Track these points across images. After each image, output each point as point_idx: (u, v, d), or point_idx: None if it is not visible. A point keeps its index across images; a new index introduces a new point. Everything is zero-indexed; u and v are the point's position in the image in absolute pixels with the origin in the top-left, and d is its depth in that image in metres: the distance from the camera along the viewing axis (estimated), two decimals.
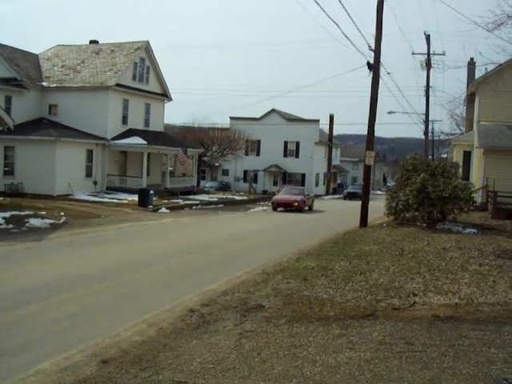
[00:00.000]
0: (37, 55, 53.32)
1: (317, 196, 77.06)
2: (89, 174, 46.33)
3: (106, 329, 10.47)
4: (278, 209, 44.34)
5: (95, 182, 46.59)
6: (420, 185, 25.72)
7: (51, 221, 28.01)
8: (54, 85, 48.93)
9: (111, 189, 47.25)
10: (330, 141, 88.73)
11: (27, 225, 26.54)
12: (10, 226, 26.04)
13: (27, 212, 29.68)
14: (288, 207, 44.17)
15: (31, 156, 42.40)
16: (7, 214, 28.01)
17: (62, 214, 30.57)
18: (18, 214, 28.59)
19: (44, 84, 48.99)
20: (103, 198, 43.05)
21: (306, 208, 45.88)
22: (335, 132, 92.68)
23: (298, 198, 44.71)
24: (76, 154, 44.53)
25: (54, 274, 15.78)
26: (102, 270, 16.60)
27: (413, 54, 52.42)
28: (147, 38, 47.34)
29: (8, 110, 39.89)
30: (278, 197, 46.54)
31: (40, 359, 8.82)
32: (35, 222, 27.21)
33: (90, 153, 46.33)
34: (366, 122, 28.95)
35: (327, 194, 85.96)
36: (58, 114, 48.43)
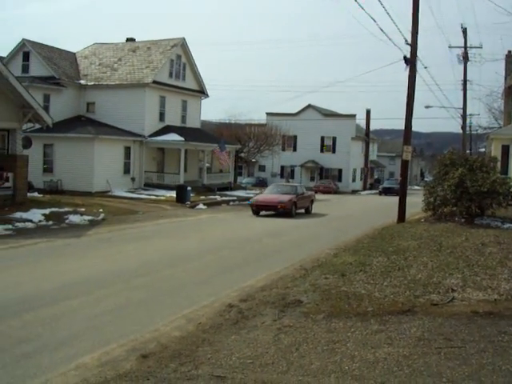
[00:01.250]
0: (74, 54, 53.87)
1: (354, 191, 76.98)
2: (127, 170, 46.69)
3: (145, 324, 10.56)
4: (261, 212, 34.87)
5: (133, 179, 46.92)
6: (458, 179, 25.51)
7: (90, 217, 28.31)
8: (92, 83, 49.38)
9: (149, 185, 47.55)
10: (366, 136, 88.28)
11: (67, 221, 26.85)
12: (50, 222, 26.37)
13: (66, 209, 30.03)
14: (270, 210, 34.47)
15: (70, 153, 42.86)
16: (47, 211, 28.36)
17: (101, 210, 30.86)
18: (58, 211, 28.95)
19: (82, 82, 49.49)
20: (141, 194, 43.36)
21: (302, 210, 36.71)
22: (372, 127, 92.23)
23: (285, 198, 34.48)
24: (114, 151, 44.90)
25: (94, 270, 15.95)
26: (141, 265, 16.74)
27: (449, 47, 52.13)
28: (183, 34, 47.61)
29: (47, 108, 40.34)
30: (260, 197, 36.52)
31: (80, 353, 8.93)
32: (74, 218, 27.51)
33: (127, 150, 46.69)
34: (403, 116, 28.75)
35: (364, 189, 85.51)
36: (95, 112, 48.89)
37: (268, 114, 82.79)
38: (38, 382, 7.77)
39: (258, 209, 34.53)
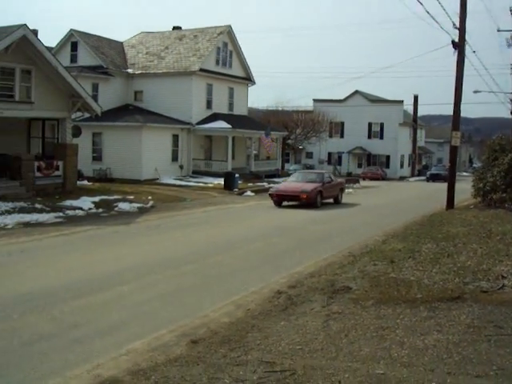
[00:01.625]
0: (121, 43, 54.29)
1: (402, 178, 76.29)
2: (175, 158, 46.97)
3: (195, 310, 10.68)
4: (284, 203, 31.89)
5: (181, 166, 47.20)
6: (508, 166, 25.17)
7: (139, 205, 28.60)
8: (139, 71, 49.73)
9: (197, 173, 47.79)
10: (414, 122, 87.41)
11: (116, 209, 27.16)
12: (100, 210, 26.71)
13: (116, 196, 30.39)
14: (292, 200, 31.48)
15: (118, 142, 43.28)
16: (97, 199, 28.75)
17: (150, 198, 31.13)
18: (107, 199, 29.31)
19: (129, 71, 49.85)
20: (189, 181, 43.62)
21: (331, 200, 33.77)
22: (419, 113, 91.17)
23: (309, 186, 31.16)
24: (162, 139, 45.19)
25: (143, 256, 16.14)
26: (190, 252, 16.89)
27: (498, 31, 51.12)
28: (229, 22, 47.69)
29: (95, 97, 40.76)
30: (281, 186, 33.60)
31: (131, 339, 9.09)
32: (124, 206, 27.82)
33: (175, 137, 46.96)
34: (451, 101, 28.40)
35: (412, 175, 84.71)
36: (143, 100, 49.23)
37: (315, 100, 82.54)
38: (90, 366, 7.92)
39: (278, 199, 31.35)
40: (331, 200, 33.68)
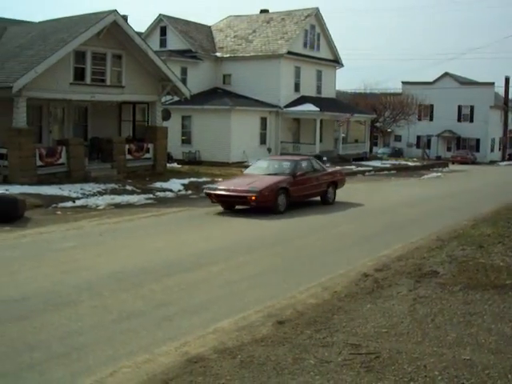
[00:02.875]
0: (209, 27, 54.71)
1: (492, 162, 74.58)
2: (263, 141, 47.14)
3: (281, 291, 10.77)
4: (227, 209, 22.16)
5: (269, 149, 47.33)
6: None
7: None
8: (227, 55, 50.04)
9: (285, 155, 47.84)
10: (505, 104, 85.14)
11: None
12: (189, 192, 27.11)
13: (205, 179, 30.72)
14: (238, 203, 21.78)
15: (207, 125, 43.68)
16: (186, 181, 29.17)
17: None
18: (196, 181, 29.69)
19: (217, 54, 50.22)
20: None
21: (321, 198, 24.18)
22: (511, 95, 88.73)
23: (263, 183, 21.16)
24: (250, 122, 45.42)
25: (233, 237, 16.36)
26: (278, 234, 17.05)
27: None
28: (316, 4, 47.21)
29: (184, 81, 41.24)
30: (224, 183, 22.99)
31: (218, 318, 9.25)
32: None
33: (263, 120, 47.11)
34: None
35: (503, 159, 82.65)
36: (231, 84, 49.55)
37: (404, 82, 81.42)
38: (178, 343, 8.12)
39: (220, 201, 21.78)
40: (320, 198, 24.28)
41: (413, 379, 6.65)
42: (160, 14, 49.86)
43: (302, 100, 49.01)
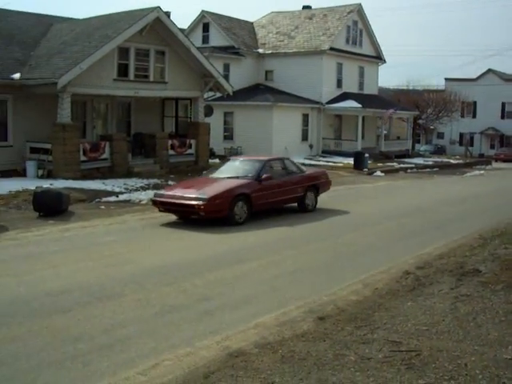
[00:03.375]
0: (251, 23, 54.78)
1: None
2: (304, 137, 47.11)
3: (322, 287, 10.82)
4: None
5: (311, 146, 47.31)
6: None
7: None
8: (270, 51, 50.05)
9: (326, 152, 47.76)
10: None
11: None
12: None
13: None
14: (184, 213, 18.13)
15: (249, 121, 43.77)
16: None
17: None
18: None
19: (260, 51, 50.26)
20: (319, 161, 43.63)
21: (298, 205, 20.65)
22: None
23: (214, 189, 17.87)
24: (292, 119, 45.41)
25: (270, 235, 16.36)
26: (317, 230, 17.03)
27: None
28: (359, 0, 46.83)
29: (226, 77, 41.34)
30: (173, 188, 19.47)
31: (259, 313, 9.34)
32: None
33: (305, 117, 47.07)
34: None
35: None
36: (273, 80, 49.55)
37: (446, 79, 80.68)
38: (219, 337, 8.23)
39: (166, 210, 18.44)
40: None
41: (453, 377, 6.64)
42: (202, 11, 50.08)
43: (344, 96, 48.85)
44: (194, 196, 17.38)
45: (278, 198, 19.55)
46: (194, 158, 32.54)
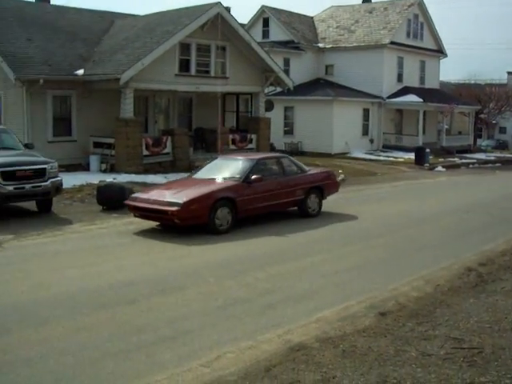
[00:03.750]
0: (311, 18, 54.63)
1: None
2: (365, 132, 46.86)
3: (383, 283, 10.80)
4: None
5: (371, 141, 47.04)
6: None
7: None
8: (330, 45, 49.84)
9: (387, 147, 47.43)
10: None
11: None
12: None
13: None
14: (157, 219, 15.96)
15: (309, 115, 43.71)
16: None
17: (340, 171, 31.26)
18: None
19: (320, 45, 50.09)
20: (379, 156, 43.41)
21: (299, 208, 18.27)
22: None
23: (192, 193, 15.44)
24: (352, 113, 45.20)
25: (335, 229, 16.35)
26: (378, 226, 16.95)
27: None
28: None
29: (287, 72, 41.34)
30: (149, 192, 16.78)
31: (321, 307, 9.38)
32: None
33: (365, 111, 46.81)
34: None
35: None
36: (333, 74, 49.34)
37: (509, 73, 79.24)
38: (281, 331, 8.30)
39: (141, 216, 16.07)
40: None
41: None
42: (262, 6, 50.16)
43: (405, 91, 48.37)
44: (167, 200, 15.17)
45: (272, 203, 17.10)
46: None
